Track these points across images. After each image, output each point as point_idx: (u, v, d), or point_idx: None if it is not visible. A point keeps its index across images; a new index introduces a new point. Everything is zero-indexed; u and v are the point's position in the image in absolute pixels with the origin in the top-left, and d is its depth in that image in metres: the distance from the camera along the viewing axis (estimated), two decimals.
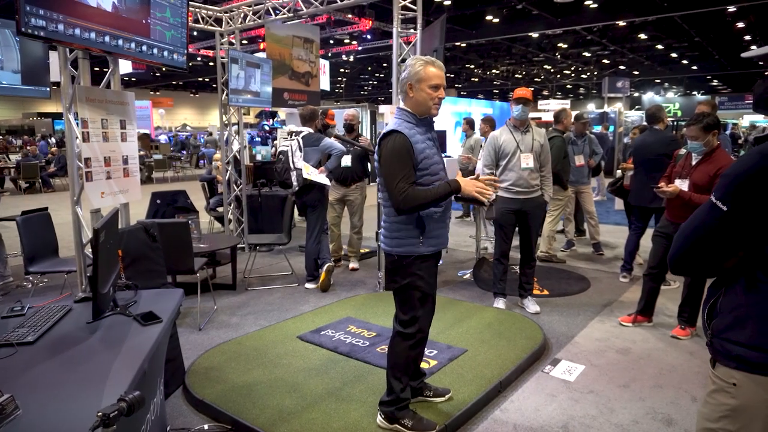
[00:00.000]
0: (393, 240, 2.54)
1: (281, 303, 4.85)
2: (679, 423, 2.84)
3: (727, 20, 18.64)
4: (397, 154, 2.40)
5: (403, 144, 2.40)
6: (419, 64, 2.46)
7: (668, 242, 3.84)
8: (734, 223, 1.28)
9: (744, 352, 1.29)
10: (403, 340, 2.64)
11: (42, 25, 2.41)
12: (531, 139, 4.31)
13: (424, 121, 2.53)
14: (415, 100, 2.49)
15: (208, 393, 3.05)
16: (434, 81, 2.45)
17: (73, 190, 3.17)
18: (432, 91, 2.45)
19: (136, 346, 2.00)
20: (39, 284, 5.38)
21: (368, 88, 41.33)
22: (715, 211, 1.30)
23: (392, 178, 2.37)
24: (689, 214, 3.82)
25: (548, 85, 34.87)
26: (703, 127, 3.56)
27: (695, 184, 3.62)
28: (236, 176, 6.86)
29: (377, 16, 17.97)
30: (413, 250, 2.51)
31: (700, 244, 1.35)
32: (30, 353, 1.93)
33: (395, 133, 2.43)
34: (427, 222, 2.51)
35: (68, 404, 1.57)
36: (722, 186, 1.31)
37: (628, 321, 4.24)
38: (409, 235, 2.51)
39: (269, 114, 27.56)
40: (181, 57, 3.50)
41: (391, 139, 2.42)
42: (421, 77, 2.44)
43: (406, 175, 2.38)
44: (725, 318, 1.36)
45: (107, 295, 2.30)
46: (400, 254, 2.53)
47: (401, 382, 2.66)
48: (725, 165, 3.49)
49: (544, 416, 2.92)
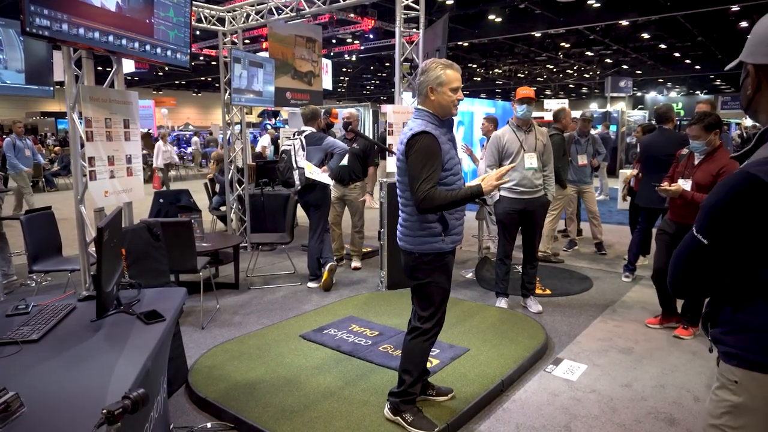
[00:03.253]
0: (416, 238, 2.57)
1: (284, 302, 4.86)
2: (681, 423, 2.84)
3: (730, 20, 18.59)
4: (428, 154, 2.43)
5: (434, 145, 2.44)
6: (440, 68, 2.50)
7: (671, 241, 3.84)
8: (716, 255, 1.27)
9: (743, 353, 1.30)
10: (420, 335, 2.67)
11: (46, 24, 2.42)
12: (534, 138, 4.30)
13: (445, 122, 2.58)
14: (438, 103, 2.52)
15: (211, 391, 3.06)
16: (454, 84, 2.50)
17: (76, 189, 3.19)
18: (453, 93, 2.51)
19: (139, 344, 2.01)
20: (43, 283, 5.40)
21: (370, 88, 41.32)
22: (696, 242, 1.30)
23: (418, 177, 2.40)
24: (692, 213, 3.83)
25: (550, 85, 34.82)
26: (704, 127, 3.56)
27: (698, 183, 3.62)
28: (238, 176, 6.88)
29: (380, 16, 17.98)
30: (435, 246, 2.56)
31: (690, 271, 1.36)
32: (34, 351, 1.94)
33: (425, 134, 2.45)
34: (450, 220, 2.57)
35: (72, 402, 1.58)
36: (700, 218, 1.30)
37: (655, 323, 4.20)
38: (432, 233, 2.55)
39: (272, 113, 27.61)
40: (184, 56, 3.51)
41: (422, 139, 2.44)
42: (443, 81, 2.49)
43: (431, 176, 2.41)
44: (722, 328, 1.37)
45: (111, 293, 2.31)
46: (422, 252, 2.57)
47: (411, 376, 2.69)
48: (727, 164, 3.49)
49: (546, 415, 2.92)
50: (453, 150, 2.58)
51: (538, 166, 4.30)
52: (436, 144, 2.45)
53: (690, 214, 3.66)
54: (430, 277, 2.60)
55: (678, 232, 3.77)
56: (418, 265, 2.60)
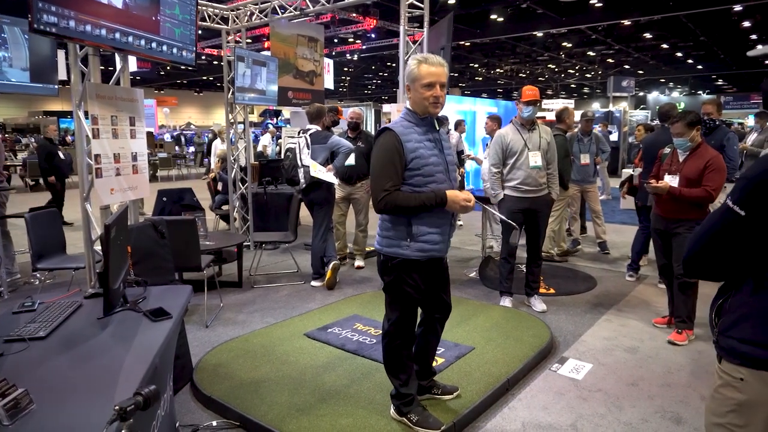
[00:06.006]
0: (383, 239, 2.54)
1: (287, 300, 4.86)
2: (688, 422, 2.83)
3: (733, 19, 18.55)
4: (385, 152, 2.39)
5: (392, 142, 2.39)
6: (414, 63, 2.43)
7: (664, 236, 3.85)
8: (751, 227, 1.26)
9: (750, 350, 1.30)
10: (390, 338, 2.64)
11: (54, 21, 2.41)
12: (538, 137, 4.30)
13: (425, 120, 2.49)
14: (413, 100, 2.47)
15: (216, 390, 3.06)
16: (427, 79, 2.38)
17: (82, 187, 3.18)
18: (425, 90, 2.39)
19: (147, 341, 2.01)
20: (47, 281, 5.40)
21: (372, 87, 41.32)
22: (730, 214, 1.28)
23: (376, 176, 2.39)
24: (680, 208, 3.79)
25: (552, 85, 34.79)
26: (687, 123, 3.68)
27: (687, 178, 3.71)
28: (242, 174, 6.88)
29: (382, 15, 17.97)
30: (399, 252, 2.47)
31: (714, 246, 1.33)
32: (42, 348, 1.94)
33: (386, 131, 2.43)
34: (415, 223, 2.44)
35: (82, 399, 1.57)
36: (739, 189, 1.29)
37: (662, 323, 4.18)
38: (396, 236, 2.48)
39: (273, 113, 27.61)
40: (190, 54, 3.50)
41: (381, 137, 2.43)
42: (415, 76, 2.41)
43: (389, 174, 2.36)
44: (731, 316, 1.36)
45: (118, 290, 2.31)
46: (387, 254, 2.52)
47: (398, 379, 2.66)
48: (713, 157, 3.66)
49: (552, 414, 2.91)
50: (429, 150, 2.43)
51: (542, 164, 4.30)
52: (396, 141, 2.37)
53: (678, 209, 3.73)
54: (395, 281, 2.53)
55: (668, 227, 3.82)
56: (384, 267, 2.55)
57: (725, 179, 3.70)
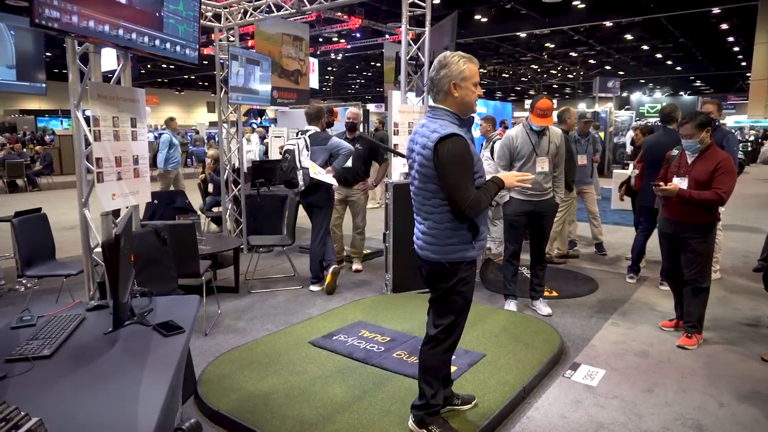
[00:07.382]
0: (445, 247, 2.41)
1: (287, 306, 4.72)
2: (710, 429, 2.79)
3: (711, 22, 18.90)
4: (461, 158, 2.28)
5: (465, 148, 2.29)
6: (462, 62, 2.33)
7: (673, 239, 3.81)
8: None
9: None
10: (437, 345, 2.55)
11: (56, 16, 2.25)
12: (547, 142, 4.24)
13: (466, 121, 2.43)
14: (461, 99, 2.36)
15: (223, 403, 2.92)
16: (476, 78, 2.37)
17: (80, 192, 3.00)
18: (475, 88, 2.38)
19: (161, 359, 1.88)
20: (34, 287, 5.17)
21: (356, 87, 41.17)
22: None
23: (458, 185, 2.28)
24: (689, 210, 3.75)
25: (535, 85, 35.07)
26: (697, 125, 3.62)
27: (697, 180, 3.66)
28: (234, 176, 6.70)
29: (367, 14, 17.84)
30: (466, 255, 2.43)
31: None
32: (48, 368, 1.80)
33: (456, 137, 2.28)
34: (479, 225, 2.45)
35: (102, 426, 1.45)
36: None
37: (670, 326, 4.12)
38: (462, 241, 2.41)
39: (257, 112, 27.26)
40: (193, 52, 3.34)
41: (451, 143, 2.26)
42: (466, 75, 2.32)
43: (471, 181, 2.31)
44: None
45: (127, 304, 2.18)
46: (452, 261, 2.41)
47: (432, 387, 2.56)
48: (723, 159, 3.60)
49: (572, 423, 2.85)
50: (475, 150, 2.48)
51: (549, 170, 4.25)
52: (468, 147, 2.32)
53: (687, 212, 3.68)
54: (455, 286, 2.46)
55: (677, 230, 3.77)
56: (443, 275, 2.45)
57: (735, 182, 3.67)
